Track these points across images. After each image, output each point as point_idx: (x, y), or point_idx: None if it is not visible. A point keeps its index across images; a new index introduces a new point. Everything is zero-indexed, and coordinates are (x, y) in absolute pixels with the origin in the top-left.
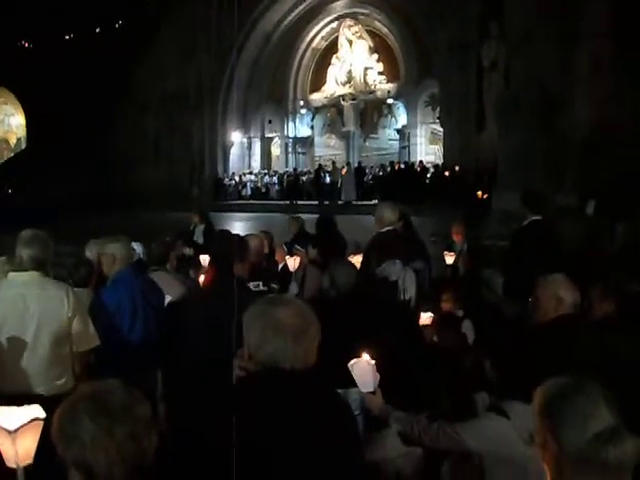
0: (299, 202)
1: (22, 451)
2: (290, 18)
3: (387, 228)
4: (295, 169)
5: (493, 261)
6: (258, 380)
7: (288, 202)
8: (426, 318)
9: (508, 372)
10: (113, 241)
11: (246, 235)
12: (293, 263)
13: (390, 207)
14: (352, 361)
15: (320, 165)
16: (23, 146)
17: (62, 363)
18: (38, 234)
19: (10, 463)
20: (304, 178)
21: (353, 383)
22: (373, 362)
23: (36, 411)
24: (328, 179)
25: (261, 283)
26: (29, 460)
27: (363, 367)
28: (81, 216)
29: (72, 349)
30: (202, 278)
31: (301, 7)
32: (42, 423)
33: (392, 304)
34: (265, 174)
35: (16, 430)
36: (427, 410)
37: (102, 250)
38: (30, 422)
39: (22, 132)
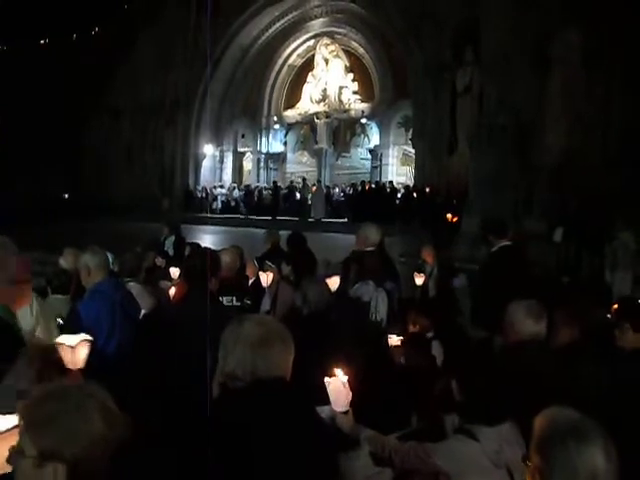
0: (257, 217)
1: (1, 458)
2: (268, 34)
3: (370, 248)
4: (247, 185)
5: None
6: (228, 394)
7: (242, 216)
8: (396, 340)
9: (475, 395)
10: (86, 252)
11: (219, 250)
12: (266, 279)
13: (375, 228)
14: (327, 379)
15: (275, 182)
16: None
17: None
18: (1, 240)
19: None
20: (259, 193)
21: (321, 401)
22: (346, 381)
23: (17, 419)
24: (298, 196)
25: (234, 298)
26: (7, 469)
27: (337, 386)
28: (51, 222)
29: None
30: (172, 291)
31: (279, 23)
32: None
33: (364, 324)
34: (234, 188)
35: None
36: (397, 430)
37: (77, 261)
38: (12, 429)
39: None
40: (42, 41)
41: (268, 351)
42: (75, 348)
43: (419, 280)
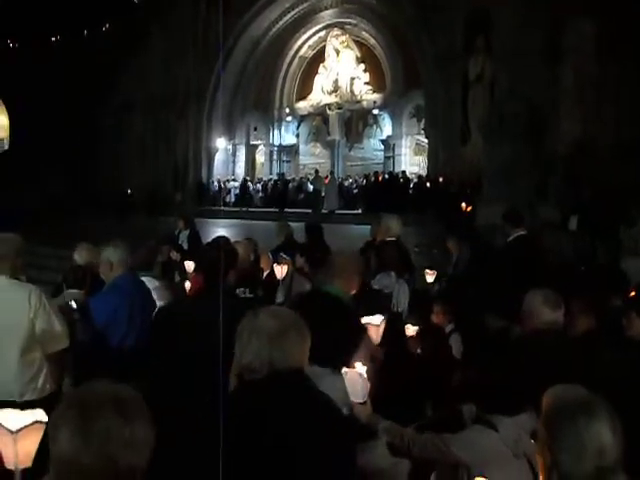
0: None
1: (22, 453)
2: (279, 26)
3: (391, 239)
4: (246, 178)
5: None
6: (245, 386)
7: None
8: (412, 330)
9: (492, 384)
10: (109, 246)
11: (232, 242)
12: (280, 271)
13: (396, 219)
14: (344, 370)
15: (282, 174)
16: (6, 147)
17: (33, 367)
18: (2, 237)
19: (9, 465)
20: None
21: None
22: (364, 372)
23: (38, 414)
24: (311, 188)
25: (247, 290)
26: (28, 463)
27: (354, 376)
28: (65, 218)
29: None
30: (188, 284)
31: (290, 15)
32: (44, 427)
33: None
34: (248, 181)
35: (18, 431)
36: (415, 421)
37: (99, 255)
38: (32, 424)
39: (5, 133)
40: (53, 37)
41: (284, 342)
42: (379, 327)
43: (430, 278)
